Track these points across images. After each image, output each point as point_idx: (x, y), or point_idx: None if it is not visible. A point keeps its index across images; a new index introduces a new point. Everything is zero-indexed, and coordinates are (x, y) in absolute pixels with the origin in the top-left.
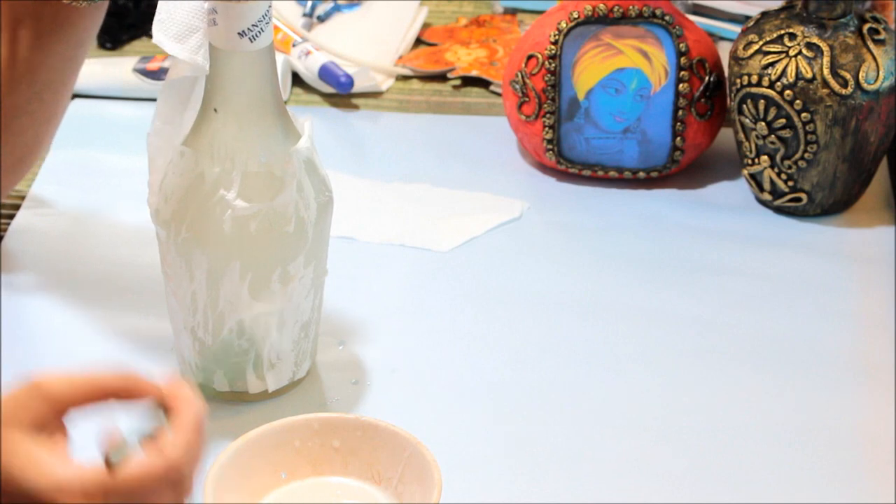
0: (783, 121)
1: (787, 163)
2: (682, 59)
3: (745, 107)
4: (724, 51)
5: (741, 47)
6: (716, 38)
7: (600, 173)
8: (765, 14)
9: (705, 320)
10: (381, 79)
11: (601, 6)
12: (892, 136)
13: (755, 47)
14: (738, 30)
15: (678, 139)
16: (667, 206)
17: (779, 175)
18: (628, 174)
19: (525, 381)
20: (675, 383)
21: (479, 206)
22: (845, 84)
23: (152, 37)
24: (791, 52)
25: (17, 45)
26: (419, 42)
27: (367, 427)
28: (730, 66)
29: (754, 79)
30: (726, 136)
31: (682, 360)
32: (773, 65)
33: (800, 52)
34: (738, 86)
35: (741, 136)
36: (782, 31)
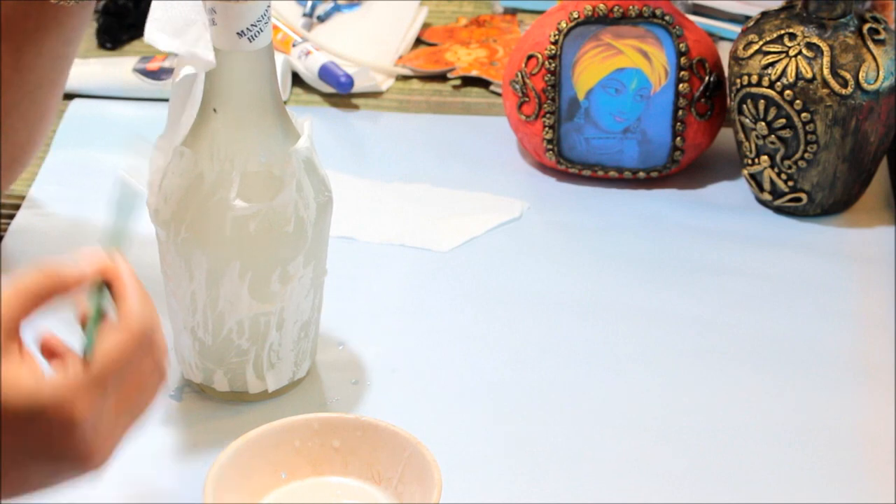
0: (783, 121)
1: (787, 163)
2: (682, 59)
3: (745, 107)
4: (724, 51)
5: (741, 47)
6: (716, 38)
7: (600, 173)
8: (765, 14)
9: (705, 320)
10: (381, 79)
11: (601, 6)
12: (892, 136)
13: (755, 47)
14: (738, 30)
15: (678, 139)
16: (667, 206)
17: (779, 175)
18: (628, 174)
19: (525, 381)
20: (675, 383)
21: (479, 206)
22: (845, 84)
23: (144, 37)
24: (791, 52)
25: (6, 46)
26: (419, 42)
27: (367, 427)
28: (730, 66)
29: (754, 79)
30: (726, 136)
31: (682, 360)
32: (773, 65)
33: (800, 52)
34: (738, 86)
35: (741, 136)
36: (782, 31)
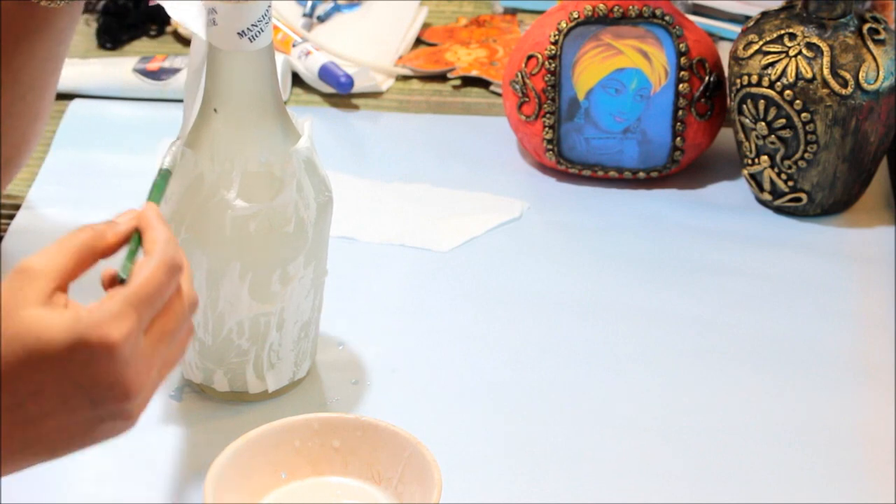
0: (783, 121)
1: (787, 163)
2: (682, 59)
3: (745, 107)
4: (724, 51)
5: (741, 47)
6: (716, 38)
7: (600, 173)
8: (765, 14)
9: (705, 320)
10: (381, 79)
11: (601, 6)
12: (892, 136)
13: (755, 47)
14: (738, 30)
15: (678, 139)
16: (667, 206)
17: (779, 175)
18: (628, 174)
19: (525, 381)
20: (675, 383)
21: (479, 206)
22: (845, 84)
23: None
24: (791, 52)
25: None
26: (419, 42)
27: (367, 427)
28: (730, 66)
29: (754, 79)
30: (726, 136)
31: (682, 360)
32: (773, 65)
33: (800, 52)
34: (738, 86)
35: (741, 136)
36: (782, 31)
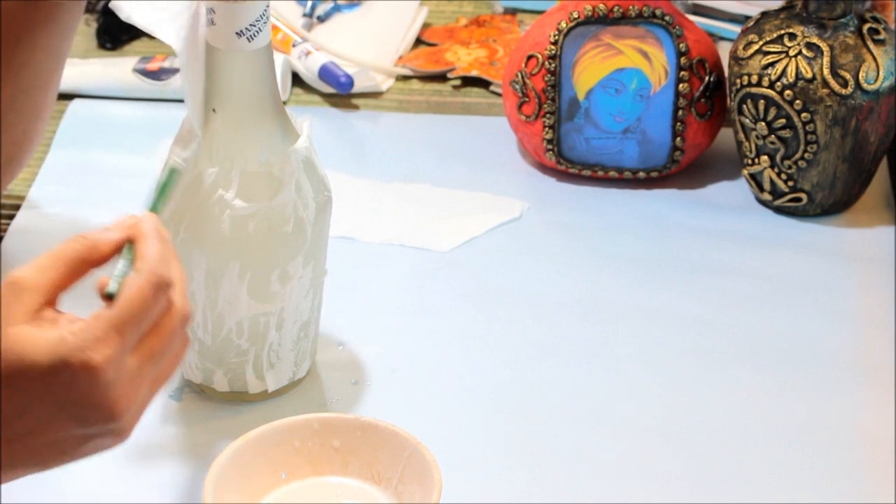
0: (783, 121)
1: (787, 163)
2: (682, 59)
3: (745, 107)
4: (724, 51)
5: (741, 47)
6: (716, 38)
7: (600, 173)
8: (765, 14)
9: (705, 320)
10: (381, 79)
11: (601, 6)
12: (892, 136)
13: (755, 47)
14: (738, 30)
15: (678, 139)
16: (667, 206)
17: (779, 175)
18: (628, 174)
19: (525, 381)
20: (675, 383)
21: (479, 206)
22: (845, 84)
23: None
24: (791, 52)
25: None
26: (419, 42)
27: (367, 427)
28: (730, 66)
29: (754, 79)
30: (726, 136)
31: (682, 360)
32: (773, 65)
33: (800, 52)
34: (738, 86)
35: (741, 136)
36: (782, 31)
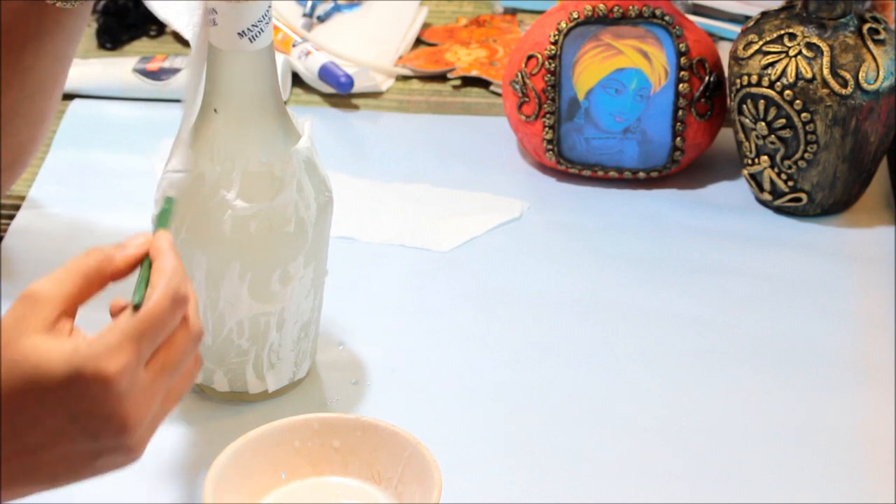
0: (783, 121)
1: (787, 163)
2: (682, 59)
3: (745, 107)
4: (724, 51)
5: (741, 47)
6: (716, 38)
7: (600, 173)
8: (765, 14)
9: (705, 320)
10: (381, 79)
11: (601, 6)
12: (892, 136)
13: (755, 47)
14: (738, 30)
15: (678, 139)
16: (667, 206)
17: (779, 175)
18: (628, 174)
19: (525, 381)
20: (675, 383)
21: (479, 206)
22: (845, 84)
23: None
24: (791, 52)
25: (7, 47)
26: (419, 42)
27: (367, 427)
28: (730, 66)
29: (754, 79)
30: (726, 136)
31: (682, 360)
32: (773, 65)
33: (800, 52)
34: (738, 86)
35: (741, 136)
36: (782, 31)
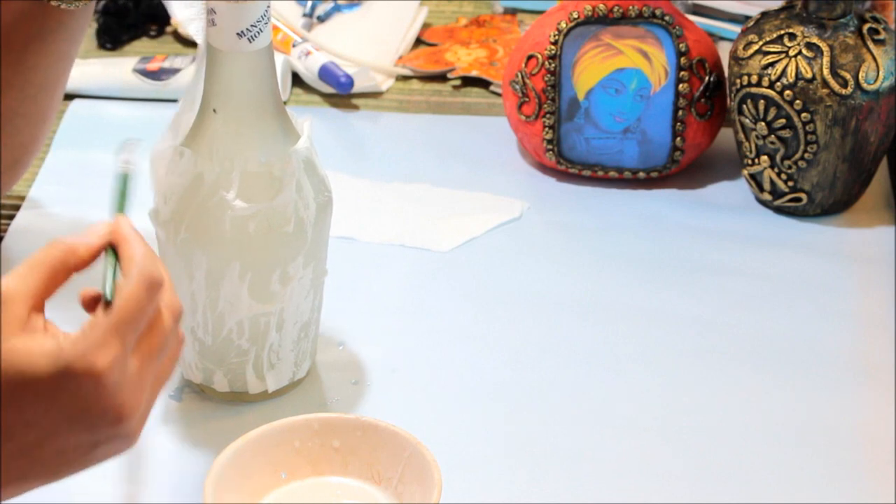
0: (783, 121)
1: (787, 163)
2: (682, 59)
3: (745, 107)
4: (724, 51)
5: (741, 47)
6: (716, 38)
7: (600, 173)
8: (765, 14)
9: (705, 320)
10: (381, 79)
11: (601, 6)
12: (892, 136)
13: (755, 47)
14: (738, 30)
15: (678, 139)
16: (667, 206)
17: (779, 175)
18: (628, 174)
19: (525, 381)
20: (675, 383)
21: (479, 206)
22: (845, 84)
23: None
24: (791, 53)
25: (9, 48)
26: (419, 42)
27: (367, 427)
28: (730, 66)
29: (754, 79)
30: (726, 136)
31: (682, 360)
32: (773, 65)
33: (800, 53)
34: (738, 86)
35: (741, 136)
36: (782, 31)
